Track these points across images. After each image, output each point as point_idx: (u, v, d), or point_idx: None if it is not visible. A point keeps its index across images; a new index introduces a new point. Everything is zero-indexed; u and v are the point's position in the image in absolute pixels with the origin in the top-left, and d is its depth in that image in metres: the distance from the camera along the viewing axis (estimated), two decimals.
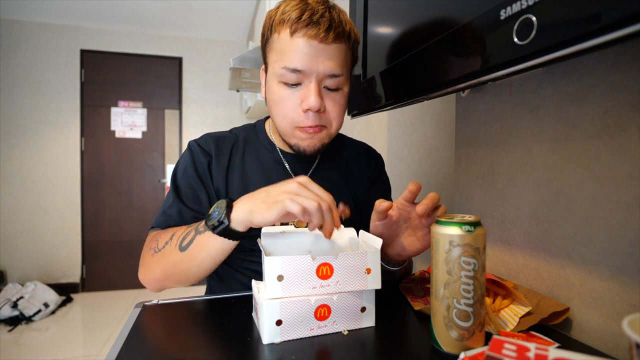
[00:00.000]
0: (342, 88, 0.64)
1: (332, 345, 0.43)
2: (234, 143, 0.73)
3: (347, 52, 0.63)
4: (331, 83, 0.62)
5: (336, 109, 0.64)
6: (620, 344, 0.42)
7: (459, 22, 0.44)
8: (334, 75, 0.61)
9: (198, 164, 0.70)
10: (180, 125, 3.52)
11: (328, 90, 0.63)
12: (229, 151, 0.72)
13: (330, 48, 0.59)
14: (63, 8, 2.91)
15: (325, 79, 0.61)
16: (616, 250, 0.43)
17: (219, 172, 0.70)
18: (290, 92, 0.62)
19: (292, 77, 0.60)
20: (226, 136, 0.74)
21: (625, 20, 0.26)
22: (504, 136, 0.60)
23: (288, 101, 0.62)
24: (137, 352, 0.42)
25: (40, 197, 3.18)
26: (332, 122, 0.65)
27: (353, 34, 0.64)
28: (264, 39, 0.66)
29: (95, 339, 2.37)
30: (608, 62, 0.44)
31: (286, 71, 0.60)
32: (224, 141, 0.73)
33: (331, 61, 0.60)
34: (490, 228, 0.63)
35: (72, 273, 3.25)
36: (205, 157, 0.70)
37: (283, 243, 0.51)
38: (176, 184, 0.70)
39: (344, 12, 0.63)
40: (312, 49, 0.58)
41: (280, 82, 0.62)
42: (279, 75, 0.61)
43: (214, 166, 0.70)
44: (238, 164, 0.71)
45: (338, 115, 0.65)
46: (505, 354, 0.29)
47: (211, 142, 0.71)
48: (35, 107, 3.16)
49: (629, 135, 0.41)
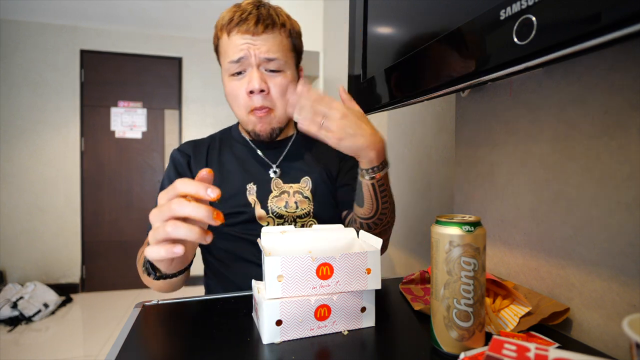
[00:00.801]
0: (283, 71, 0.72)
1: (332, 345, 0.43)
2: (210, 144, 0.82)
3: (283, 40, 0.72)
4: (271, 66, 0.70)
5: (278, 89, 0.71)
6: (620, 344, 0.42)
7: (458, 22, 0.44)
8: (271, 59, 0.69)
9: (178, 165, 0.78)
10: (180, 125, 3.52)
11: (270, 73, 0.71)
12: (205, 151, 0.80)
13: (262, 37, 0.68)
14: (62, 8, 2.91)
15: (263, 63, 0.70)
16: (616, 250, 0.43)
17: (198, 168, 0.76)
18: (237, 81, 0.71)
19: (235, 67, 0.70)
20: (203, 140, 0.84)
21: (625, 20, 0.26)
22: (504, 136, 0.60)
23: (237, 89, 0.71)
24: (137, 352, 0.42)
25: (40, 198, 3.18)
26: (276, 103, 0.72)
27: (289, 25, 0.73)
28: (214, 47, 0.76)
29: (95, 339, 2.37)
30: (608, 62, 0.44)
31: (230, 64, 0.70)
32: (201, 144, 0.82)
33: (264, 46, 0.69)
34: (490, 228, 0.63)
35: (72, 273, 3.24)
36: (184, 158, 0.79)
37: (283, 243, 0.51)
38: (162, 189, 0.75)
39: (276, 8, 0.73)
40: (246, 41, 0.68)
41: (229, 75, 0.72)
42: (226, 70, 0.71)
43: (193, 164, 0.78)
44: (215, 160, 0.79)
45: (281, 95, 0.72)
46: (505, 354, 0.29)
47: (189, 146, 0.82)
48: (35, 107, 3.16)
49: (629, 135, 0.41)
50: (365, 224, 0.66)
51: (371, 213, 0.64)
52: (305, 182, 0.78)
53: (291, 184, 0.77)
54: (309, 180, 0.78)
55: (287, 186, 0.76)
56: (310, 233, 0.53)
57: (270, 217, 0.74)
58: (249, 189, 0.75)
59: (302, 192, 0.77)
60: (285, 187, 0.76)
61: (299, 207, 0.75)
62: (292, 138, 0.84)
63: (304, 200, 0.76)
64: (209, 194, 0.43)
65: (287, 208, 0.75)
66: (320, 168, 0.80)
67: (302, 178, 0.78)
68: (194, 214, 0.42)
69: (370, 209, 0.63)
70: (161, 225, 0.43)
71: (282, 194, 0.76)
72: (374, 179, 0.59)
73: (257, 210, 0.74)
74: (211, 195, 0.43)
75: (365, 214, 0.64)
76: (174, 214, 0.42)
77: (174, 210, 0.42)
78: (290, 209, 0.75)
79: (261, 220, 0.74)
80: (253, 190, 0.75)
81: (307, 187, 0.77)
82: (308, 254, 0.44)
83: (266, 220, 0.74)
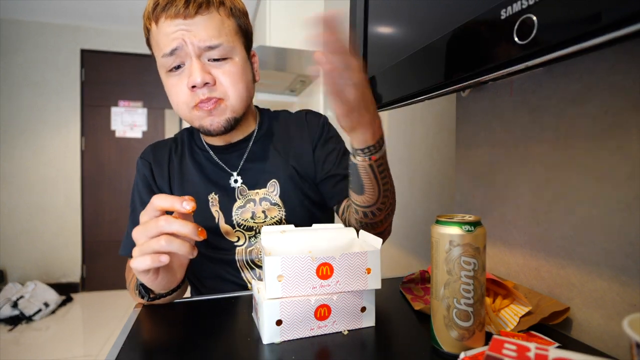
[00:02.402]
0: (230, 57, 0.61)
1: (332, 345, 0.43)
2: (171, 148, 0.74)
3: (225, 20, 0.60)
4: (214, 54, 0.59)
5: (228, 78, 0.61)
6: (620, 343, 0.42)
7: (459, 22, 0.43)
8: (213, 46, 0.59)
9: (142, 176, 0.72)
10: (181, 124, 3.51)
11: (214, 62, 0.60)
12: (167, 156, 0.73)
13: (197, 20, 0.57)
14: (63, 8, 2.91)
15: (204, 52, 0.59)
16: (616, 250, 0.43)
17: (161, 176, 0.72)
18: (176, 77, 0.60)
19: (170, 60, 0.59)
20: (166, 142, 0.76)
21: (625, 20, 0.26)
22: (504, 136, 0.60)
23: (177, 86, 0.60)
24: (137, 352, 0.42)
25: (40, 197, 3.18)
26: (227, 92, 0.61)
27: (228, 2, 0.61)
28: (146, 40, 0.66)
29: (95, 339, 2.37)
30: (609, 62, 0.44)
31: (165, 58, 0.59)
32: (162, 148, 0.74)
33: (203, 32, 0.58)
34: (490, 228, 0.63)
35: (72, 273, 3.25)
36: (146, 167, 0.72)
37: (283, 243, 0.51)
38: (133, 206, 0.73)
39: None
40: (178, 27, 0.57)
41: (166, 72, 0.61)
42: (162, 66, 0.61)
43: (156, 172, 0.72)
44: (177, 167, 0.72)
45: (232, 84, 0.61)
46: (506, 354, 0.29)
47: (150, 152, 0.74)
48: (35, 107, 3.16)
49: (629, 135, 0.41)
50: (369, 212, 0.57)
51: (373, 199, 0.55)
52: (272, 186, 0.69)
53: (257, 190, 0.69)
54: (277, 183, 0.69)
55: (253, 193, 0.69)
56: (310, 233, 0.53)
57: (238, 231, 0.68)
58: (211, 199, 0.68)
59: (269, 198, 0.69)
60: (251, 194, 0.69)
61: (268, 216, 0.68)
62: (253, 135, 0.73)
63: (272, 207, 0.68)
64: (184, 206, 0.44)
65: (254, 219, 0.68)
66: (289, 166, 0.71)
67: (268, 182, 0.69)
68: (181, 230, 0.44)
69: (372, 195, 0.55)
70: (149, 241, 0.44)
71: (247, 204, 0.68)
72: (372, 159, 0.51)
73: (221, 225, 0.67)
74: (186, 207, 0.44)
75: (367, 201, 0.56)
76: (162, 230, 0.44)
77: (161, 227, 0.44)
78: (258, 219, 0.68)
79: (228, 236, 0.68)
80: (216, 201, 0.68)
81: (274, 192, 0.69)
82: (308, 253, 0.44)
83: (235, 235, 0.67)
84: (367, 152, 0.51)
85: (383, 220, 0.60)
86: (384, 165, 0.54)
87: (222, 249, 0.68)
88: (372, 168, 0.52)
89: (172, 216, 0.46)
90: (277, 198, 0.69)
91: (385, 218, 0.60)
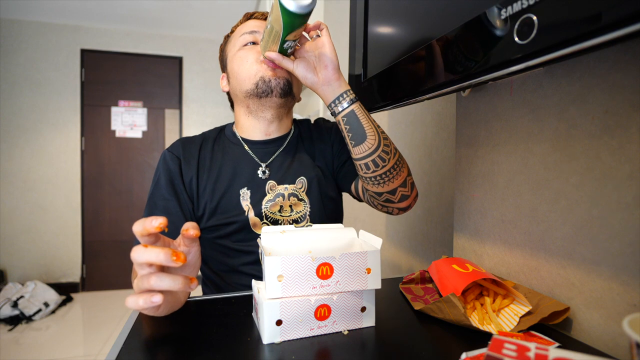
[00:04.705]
0: None
1: (332, 345, 0.43)
2: (201, 143, 0.78)
3: None
4: None
5: None
6: (620, 343, 0.42)
7: (459, 22, 0.43)
8: None
9: (167, 170, 0.74)
10: (181, 124, 3.52)
11: None
12: (197, 151, 0.76)
13: None
14: (63, 7, 2.91)
15: None
16: (616, 250, 0.43)
17: (189, 171, 0.74)
18: (249, 48, 0.73)
19: (249, 37, 0.73)
20: (195, 139, 0.79)
21: (625, 20, 0.26)
22: (504, 136, 0.60)
23: (248, 54, 0.72)
24: (137, 352, 0.42)
25: (40, 197, 3.18)
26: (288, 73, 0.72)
27: None
28: (230, 32, 0.79)
29: (95, 339, 2.37)
30: (609, 62, 0.44)
31: (244, 35, 0.74)
32: (192, 143, 0.78)
33: None
34: (490, 228, 0.63)
35: (72, 273, 3.25)
36: (175, 162, 0.74)
37: (283, 243, 0.51)
38: (152, 200, 0.72)
39: None
40: (259, 22, 0.76)
41: (242, 47, 0.74)
42: (240, 44, 0.74)
43: (184, 167, 0.74)
44: (207, 161, 0.75)
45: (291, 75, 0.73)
46: (506, 354, 0.29)
47: (180, 146, 0.77)
48: (35, 107, 3.16)
49: (629, 135, 0.41)
50: (377, 159, 0.61)
51: (376, 141, 0.61)
52: (300, 182, 0.75)
53: (286, 185, 0.74)
54: (304, 181, 0.75)
55: (282, 188, 0.74)
56: (310, 233, 0.53)
57: (265, 223, 0.72)
58: (242, 194, 0.72)
59: (297, 194, 0.74)
60: (279, 188, 0.74)
61: (294, 210, 0.73)
62: (290, 134, 0.80)
63: (299, 202, 0.74)
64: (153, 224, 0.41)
65: (281, 212, 0.73)
66: (316, 167, 0.78)
67: (297, 179, 0.75)
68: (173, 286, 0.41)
69: (373, 136, 0.61)
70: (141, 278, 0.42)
71: (276, 198, 0.73)
72: (358, 102, 0.62)
73: (250, 217, 0.71)
74: (154, 224, 0.41)
75: (371, 145, 0.61)
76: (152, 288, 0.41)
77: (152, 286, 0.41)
78: (285, 212, 0.73)
79: (255, 228, 0.71)
80: (247, 196, 0.72)
81: (302, 188, 0.75)
82: (308, 253, 0.44)
83: (261, 228, 0.70)
84: (352, 95, 0.62)
85: (395, 166, 0.63)
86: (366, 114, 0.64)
87: (249, 240, 0.72)
88: (363, 109, 0.62)
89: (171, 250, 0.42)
90: (304, 194, 0.75)
91: (396, 164, 0.64)
